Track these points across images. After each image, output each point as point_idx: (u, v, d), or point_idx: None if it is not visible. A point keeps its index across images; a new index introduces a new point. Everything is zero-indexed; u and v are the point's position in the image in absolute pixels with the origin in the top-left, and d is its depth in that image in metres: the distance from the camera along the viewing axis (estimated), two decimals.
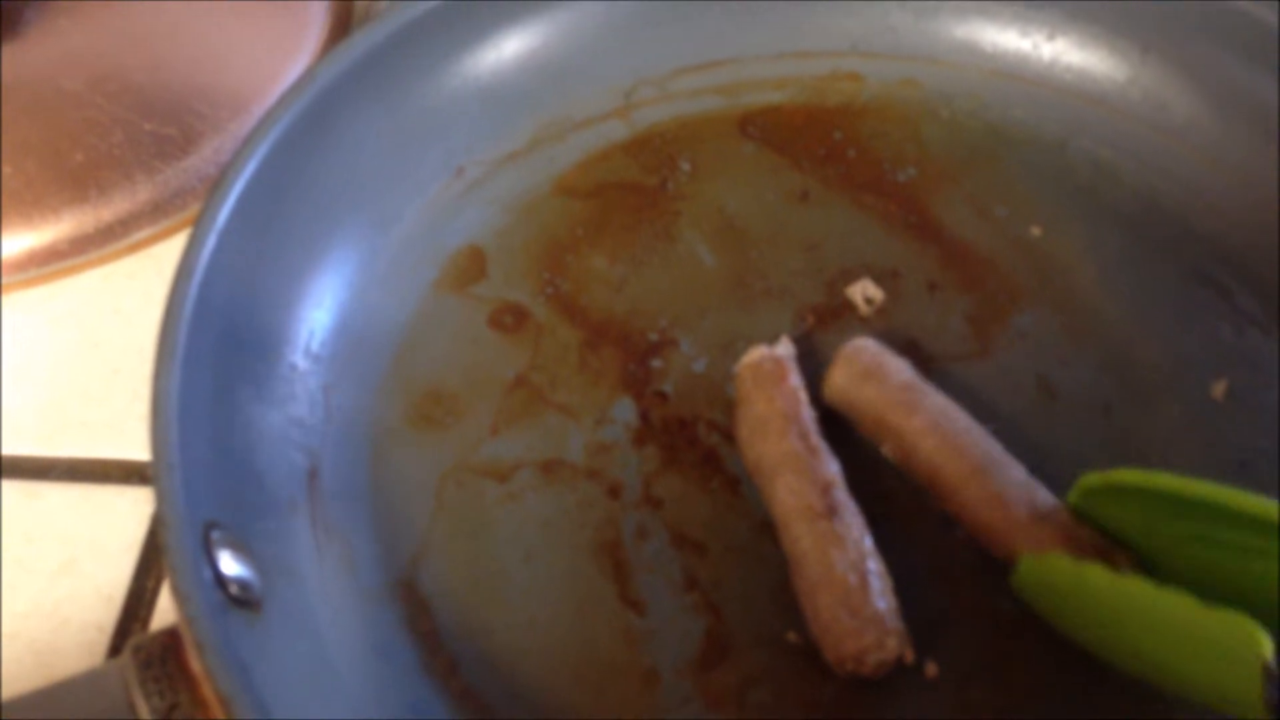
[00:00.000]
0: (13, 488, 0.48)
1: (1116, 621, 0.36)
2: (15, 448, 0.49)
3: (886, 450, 0.43)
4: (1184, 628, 0.34)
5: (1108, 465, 0.43)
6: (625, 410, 0.45)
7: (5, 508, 0.47)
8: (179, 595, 0.32)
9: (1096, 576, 0.36)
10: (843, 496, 0.40)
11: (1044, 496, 0.40)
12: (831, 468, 0.41)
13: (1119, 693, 0.39)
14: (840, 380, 0.43)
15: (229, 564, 0.35)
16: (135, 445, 0.49)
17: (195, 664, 0.32)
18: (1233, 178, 0.49)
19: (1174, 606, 0.34)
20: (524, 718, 0.39)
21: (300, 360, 0.44)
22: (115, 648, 0.44)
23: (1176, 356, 0.46)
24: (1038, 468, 0.43)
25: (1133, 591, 0.35)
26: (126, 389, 0.51)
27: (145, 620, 0.45)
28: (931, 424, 0.41)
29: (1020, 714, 0.39)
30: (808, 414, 0.42)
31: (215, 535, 0.35)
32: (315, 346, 0.45)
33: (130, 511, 0.47)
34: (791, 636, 0.40)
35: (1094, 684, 0.39)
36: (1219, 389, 0.45)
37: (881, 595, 0.38)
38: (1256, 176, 0.49)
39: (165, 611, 0.45)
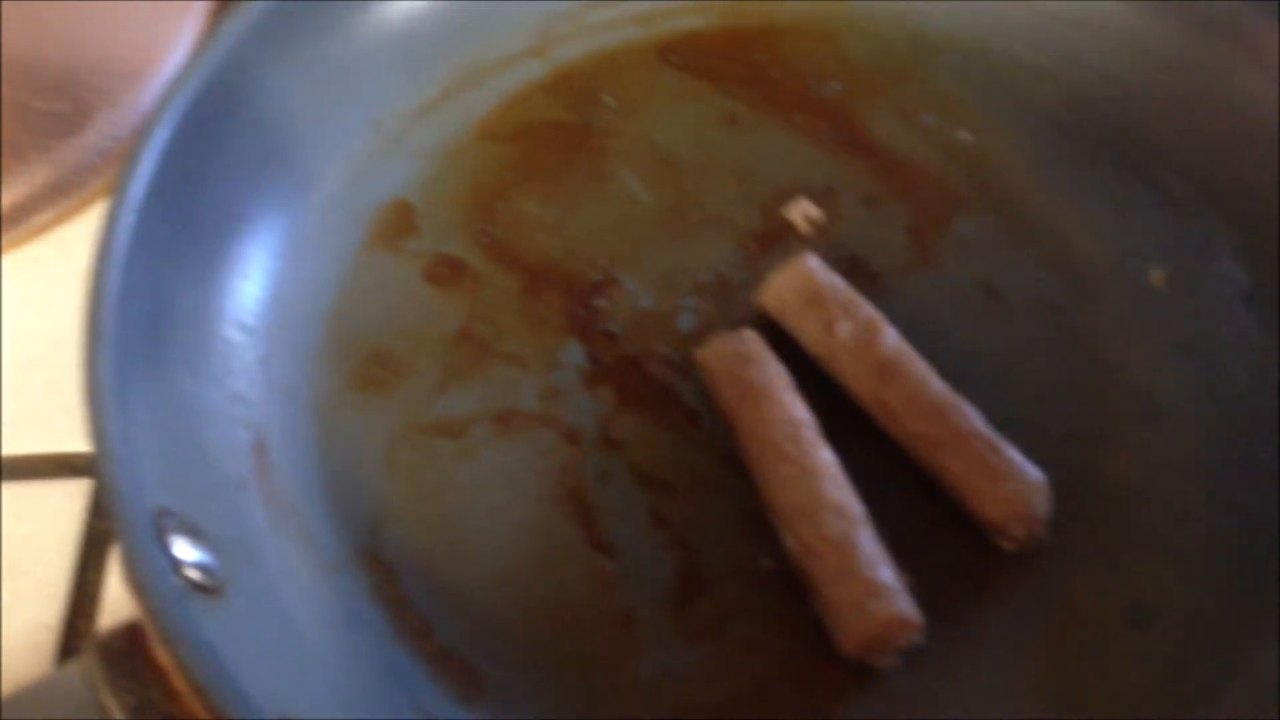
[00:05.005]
0: None
1: None
2: None
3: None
4: None
5: (1057, 363, 0.44)
6: (574, 353, 0.44)
7: None
8: (138, 587, 0.31)
9: None
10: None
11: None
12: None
13: (1081, 582, 0.40)
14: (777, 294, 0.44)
15: (185, 550, 0.34)
16: (61, 437, 0.47)
17: (162, 656, 0.31)
18: (1154, 67, 0.50)
19: None
20: (504, 670, 0.38)
21: (233, 333, 0.42)
22: (65, 646, 0.43)
23: (1116, 248, 0.46)
24: (988, 372, 0.43)
25: None
26: (43, 380, 0.48)
27: (92, 615, 0.44)
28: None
29: (996, 619, 0.39)
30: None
31: (167, 522, 0.34)
32: (247, 318, 0.43)
33: (64, 506, 0.45)
34: (765, 563, 0.40)
35: (1060, 578, 0.40)
36: (1159, 277, 0.46)
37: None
38: (1177, 63, 0.49)
39: (113, 604, 0.44)
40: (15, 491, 0.46)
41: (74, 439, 0.47)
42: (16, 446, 0.47)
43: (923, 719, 0.38)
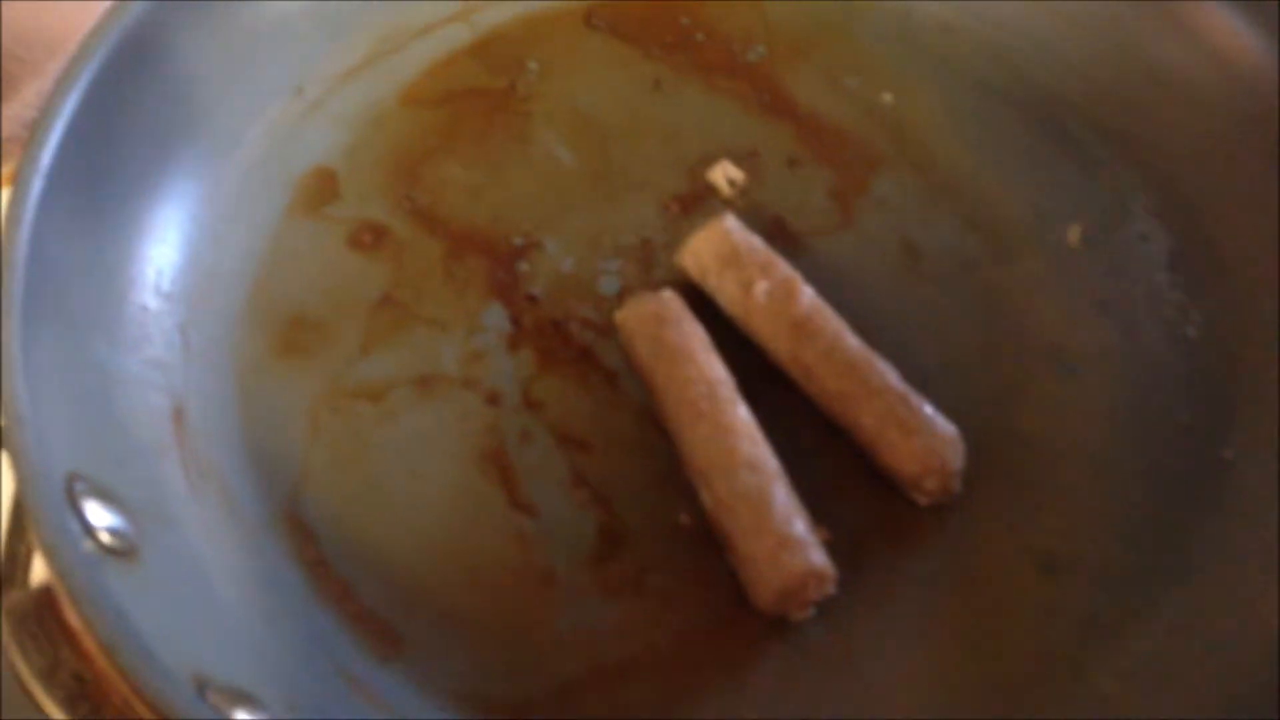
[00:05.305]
0: None
1: None
2: None
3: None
4: None
5: (973, 320, 0.45)
6: (496, 317, 0.45)
7: None
8: (46, 549, 0.31)
9: None
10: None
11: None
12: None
13: (993, 534, 0.41)
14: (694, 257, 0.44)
15: (97, 514, 0.34)
16: None
17: (72, 618, 0.31)
18: (1075, 30, 0.50)
19: None
20: (423, 630, 0.38)
21: (151, 300, 0.42)
22: None
23: (1033, 208, 0.47)
24: (906, 329, 0.44)
25: None
26: None
27: (23, 584, 0.44)
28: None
29: (909, 570, 0.40)
30: None
31: (79, 487, 0.34)
32: (165, 285, 0.43)
33: None
34: (683, 519, 0.40)
35: (972, 530, 0.41)
36: (1074, 235, 0.47)
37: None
38: (1098, 27, 0.50)
39: (43, 572, 0.44)
40: None
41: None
42: None
43: (837, 669, 0.39)
